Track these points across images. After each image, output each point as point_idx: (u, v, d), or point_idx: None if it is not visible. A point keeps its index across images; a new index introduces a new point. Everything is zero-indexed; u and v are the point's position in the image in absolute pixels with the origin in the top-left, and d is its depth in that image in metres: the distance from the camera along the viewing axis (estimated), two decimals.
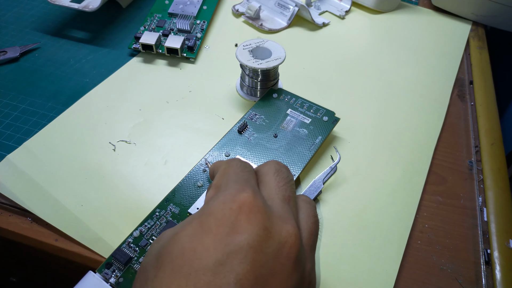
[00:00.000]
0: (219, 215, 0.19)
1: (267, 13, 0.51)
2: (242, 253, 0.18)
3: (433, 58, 0.47)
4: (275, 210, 0.21)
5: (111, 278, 0.24)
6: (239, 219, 0.19)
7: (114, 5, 0.50)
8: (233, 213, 0.19)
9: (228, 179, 0.22)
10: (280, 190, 0.22)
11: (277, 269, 0.18)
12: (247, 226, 0.19)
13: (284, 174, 0.24)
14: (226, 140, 0.32)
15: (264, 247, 0.18)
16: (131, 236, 0.26)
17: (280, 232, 0.19)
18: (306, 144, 0.32)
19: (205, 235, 0.19)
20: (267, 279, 0.18)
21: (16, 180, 0.30)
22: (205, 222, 0.19)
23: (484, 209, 0.32)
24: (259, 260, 0.18)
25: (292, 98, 0.36)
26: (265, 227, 0.19)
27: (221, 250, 0.18)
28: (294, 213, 0.22)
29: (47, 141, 0.33)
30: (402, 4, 0.57)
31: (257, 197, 0.20)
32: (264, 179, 0.23)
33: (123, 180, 0.31)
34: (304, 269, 0.20)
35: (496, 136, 0.39)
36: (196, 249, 0.18)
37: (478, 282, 0.28)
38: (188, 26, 0.44)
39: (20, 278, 0.39)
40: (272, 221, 0.19)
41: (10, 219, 0.29)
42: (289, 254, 0.19)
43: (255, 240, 0.18)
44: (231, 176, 0.22)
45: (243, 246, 0.18)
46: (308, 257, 0.21)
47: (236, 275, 0.17)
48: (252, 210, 0.19)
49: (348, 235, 0.29)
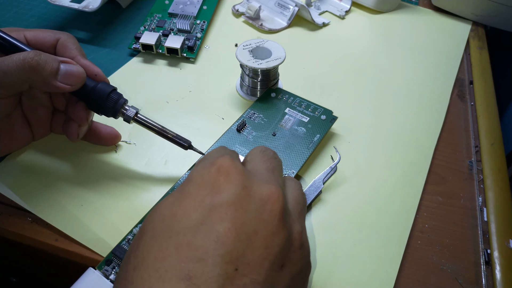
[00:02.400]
0: (198, 179, 0.19)
1: (267, 13, 0.51)
2: (222, 211, 0.18)
3: (433, 58, 0.47)
4: (257, 175, 0.21)
5: (111, 275, 0.24)
6: (217, 180, 0.19)
7: (114, 5, 0.50)
8: (211, 175, 0.19)
9: (207, 154, 0.22)
10: (265, 162, 0.23)
11: (260, 226, 0.18)
12: (226, 185, 0.19)
13: (270, 153, 0.24)
14: (225, 139, 0.33)
15: (244, 204, 0.18)
16: (131, 233, 0.26)
17: (261, 191, 0.19)
18: (305, 142, 0.32)
19: (184, 199, 0.19)
20: (250, 236, 0.18)
21: (16, 180, 0.30)
22: (185, 188, 0.19)
23: (484, 209, 0.32)
24: (240, 218, 0.18)
25: (290, 97, 0.36)
26: (244, 185, 0.19)
27: (200, 210, 0.18)
28: (279, 182, 0.22)
29: (47, 141, 0.33)
30: (402, 4, 0.56)
31: (235, 161, 0.20)
32: (249, 158, 0.24)
33: (123, 180, 0.31)
34: (292, 229, 0.20)
35: (496, 136, 0.39)
36: (176, 213, 0.18)
37: (478, 282, 0.28)
38: (188, 26, 0.44)
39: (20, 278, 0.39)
40: (252, 181, 0.20)
41: (10, 219, 0.29)
42: (273, 211, 0.19)
43: (234, 198, 0.18)
44: (211, 152, 0.22)
45: (222, 204, 0.18)
46: (296, 220, 0.21)
47: (217, 234, 0.17)
48: (231, 171, 0.19)
49: (348, 235, 0.29)
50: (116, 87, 0.29)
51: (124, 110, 0.29)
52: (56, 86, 0.26)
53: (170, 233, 0.18)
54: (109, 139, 0.33)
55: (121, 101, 0.28)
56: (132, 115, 0.29)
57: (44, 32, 0.29)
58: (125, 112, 0.29)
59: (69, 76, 0.26)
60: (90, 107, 0.29)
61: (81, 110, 0.29)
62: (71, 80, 0.27)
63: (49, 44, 0.29)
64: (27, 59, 0.25)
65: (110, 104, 0.28)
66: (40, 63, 0.25)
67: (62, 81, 0.26)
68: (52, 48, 0.29)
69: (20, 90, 0.27)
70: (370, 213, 0.31)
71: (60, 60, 0.27)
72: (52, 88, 0.26)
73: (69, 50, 0.29)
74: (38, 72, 0.25)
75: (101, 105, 0.28)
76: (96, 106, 0.28)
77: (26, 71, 0.25)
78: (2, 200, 0.30)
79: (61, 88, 0.26)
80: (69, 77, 0.26)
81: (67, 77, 0.26)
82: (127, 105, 0.29)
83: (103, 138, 0.32)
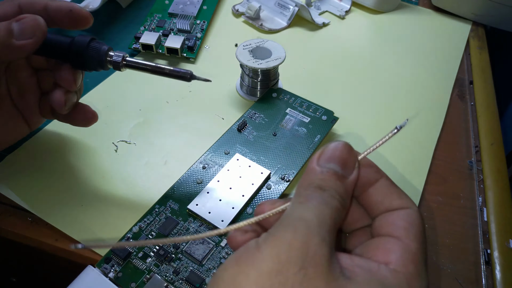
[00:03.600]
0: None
1: (267, 13, 0.51)
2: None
3: (433, 58, 0.47)
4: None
5: (110, 273, 0.24)
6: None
7: (114, 5, 0.50)
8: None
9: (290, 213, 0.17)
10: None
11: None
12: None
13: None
14: (226, 138, 0.33)
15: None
16: (130, 231, 0.26)
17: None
18: (305, 142, 0.32)
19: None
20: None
21: (16, 180, 0.30)
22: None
23: (484, 209, 0.32)
24: None
25: (292, 98, 0.36)
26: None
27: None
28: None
29: (47, 141, 0.33)
30: (402, 4, 0.56)
31: (323, 253, 0.15)
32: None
33: (123, 180, 0.31)
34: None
35: (496, 136, 0.39)
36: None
37: (478, 282, 0.28)
38: (188, 26, 0.44)
39: (20, 278, 0.39)
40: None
41: (10, 219, 0.29)
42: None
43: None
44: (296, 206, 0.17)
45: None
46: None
47: None
48: (312, 277, 0.15)
49: None
50: (94, 37, 0.27)
51: (109, 58, 0.27)
52: (18, 47, 0.24)
53: None
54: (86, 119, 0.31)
55: (103, 48, 0.26)
56: (119, 60, 0.27)
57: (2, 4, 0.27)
58: (111, 60, 0.27)
59: (25, 30, 0.24)
60: (75, 66, 0.27)
61: (67, 72, 0.27)
62: (28, 32, 0.24)
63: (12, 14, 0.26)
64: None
65: (94, 54, 0.26)
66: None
67: (21, 38, 0.24)
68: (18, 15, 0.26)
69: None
70: None
71: (11, 21, 0.25)
72: (15, 51, 0.25)
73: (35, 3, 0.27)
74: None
75: (84, 59, 0.26)
76: (80, 61, 0.27)
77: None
78: (2, 200, 0.30)
79: (23, 46, 0.25)
80: (26, 30, 0.24)
81: (23, 32, 0.24)
82: (112, 52, 0.27)
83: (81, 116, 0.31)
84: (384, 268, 0.16)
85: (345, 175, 0.18)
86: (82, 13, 0.27)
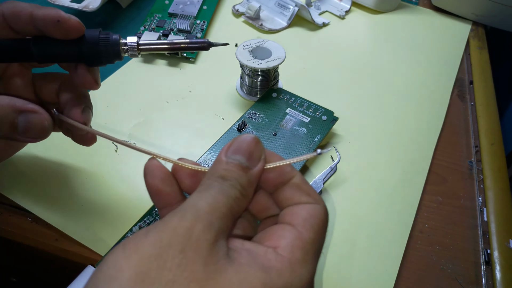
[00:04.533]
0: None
1: (267, 13, 0.51)
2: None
3: (433, 58, 0.47)
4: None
5: None
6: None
7: (114, 5, 0.50)
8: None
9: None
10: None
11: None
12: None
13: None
14: (226, 138, 0.33)
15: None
16: (130, 231, 0.26)
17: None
18: (305, 142, 0.32)
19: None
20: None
21: (16, 180, 0.30)
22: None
23: (484, 209, 0.32)
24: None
25: (292, 98, 0.36)
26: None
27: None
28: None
29: (47, 141, 0.33)
30: (402, 4, 0.56)
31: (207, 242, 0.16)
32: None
33: (123, 180, 0.31)
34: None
35: (496, 136, 0.39)
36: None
37: (478, 282, 0.28)
38: (188, 26, 0.44)
39: (20, 278, 0.39)
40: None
41: (10, 219, 0.29)
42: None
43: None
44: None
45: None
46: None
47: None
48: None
49: (348, 235, 0.29)
50: (100, 29, 0.26)
51: (124, 46, 0.26)
52: (22, 140, 0.23)
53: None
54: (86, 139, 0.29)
55: (114, 38, 0.25)
56: (135, 45, 0.26)
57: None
58: (126, 48, 0.26)
59: (30, 130, 0.23)
60: (90, 63, 0.26)
61: (85, 73, 0.25)
62: (33, 133, 0.23)
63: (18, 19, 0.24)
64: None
65: (108, 47, 0.25)
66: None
67: (24, 136, 0.23)
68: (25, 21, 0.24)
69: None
70: (370, 213, 0.30)
71: (18, 108, 0.23)
72: (20, 141, 0.24)
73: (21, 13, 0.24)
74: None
75: (99, 53, 0.25)
76: (94, 58, 0.25)
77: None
78: (2, 200, 0.30)
79: (24, 141, 0.24)
80: (30, 131, 0.23)
81: (27, 131, 0.23)
82: (123, 40, 0.26)
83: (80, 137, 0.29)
84: (271, 252, 0.16)
85: (250, 166, 0.18)
86: (71, 23, 0.24)
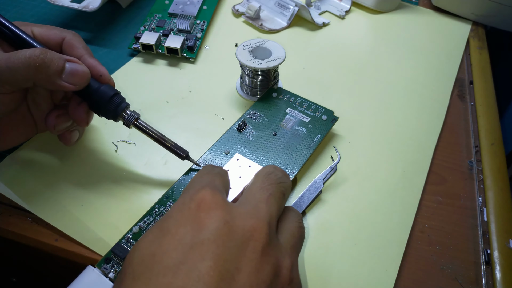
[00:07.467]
0: (178, 216, 0.19)
1: (267, 13, 0.51)
2: (203, 249, 0.17)
3: (433, 58, 0.47)
4: (243, 207, 0.20)
5: (110, 273, 0.24)
6: (198, 216, 0.18)
7: (114, 5, 0.50)
8: (191, 212, 0.19)
9: (190, 183, 0.22)
10: (262, 190, 0.22)
11: (243, 263, 0.17)
12: (207, 221, 0.18)
13: (273, 178, 0.23)
14: (226, 138, 0.33)
15: (226, 241, 0.18)
16: (130, 231, 0.26)
17: (244, 226, 0.19)
18: (305, 142, 0.32)
19: (163, 237, 0.18)
20: (233, 274, 0.17)
21: (16, 180, 0.30)
22: (164, 226, 0.19)
23: (484, 209, 0.32)
24: (222, 255, 0.17)
25: (292, 97, 0.36)
26: (226, 220, 0.18)
27: (181, 249, 0.17)
28: (272, 212, 0.21)
29: (47, 141, 0.33)
30: (402, 4, 0.56)
31: (216, 194, 0.19)
32: (251, 182, 0.23)
33: (123, 180, 0.31)
34: (279, 264, 0.19)
35: (496, 136, 0.39)
36: (155, 253, 0.18)
37: (478, 282, 0.28)
38: (188, 26, 0.44)
39: (20, 278, 0.39)
40: (235, 216, 0.19)
41: (10, 219, 0.29)
42: (255, 247, 0.18)
43: (216, 235, 0.18)
44: (193, 180, 0.22)
45: (203, 242, 0.17)
46: (286, 254, 0.20)
47: (198, 273, 0.16)
48: (211, 207, 0.19)
49: (348, 235, 0.29)
50: (119, 91, 0.29)
51: (125, 114, 0.29)
52: (60, 85, 0.26)
53: (150, 275, 0.17)
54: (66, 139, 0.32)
55: (123, 105, 0.29)
56: (132, 120, 0.29)
57: (51, 29, 0.29)
58: (126, 117, 0.29)
59: (74, 76, 0.26)
60: (91, 108, 0.29)
61: (82, 111, 0.29)
62: (75, 79, 0.27)
63: (54, 42, 0.29)
64: (33, 57, 0.25)
65: (112, 107, 0.28)
66: (46, 62, 0.25)
67: (67, 80, 0.26)
68: (58, 46, 0.29)
69: (24, 87, 0.27)
70: (370, 213, 0.31)
71: (65, 58, 0.26)
72: (56, 87, 0.26)
73: (76, 49, 0.29)
74: (43, 70, 0.25)
75: (102, 107, 0.28)
76: (97, 107, 0.29)
77: (31, 68, 0.25)
78: (2, 200, 0.30)
79: (65, 87, 0.26)
80: (74, 77, 0.26)
81: (71, 76, 0.26)
82: (129, 110, 0.29)
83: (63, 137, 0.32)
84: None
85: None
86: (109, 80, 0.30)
